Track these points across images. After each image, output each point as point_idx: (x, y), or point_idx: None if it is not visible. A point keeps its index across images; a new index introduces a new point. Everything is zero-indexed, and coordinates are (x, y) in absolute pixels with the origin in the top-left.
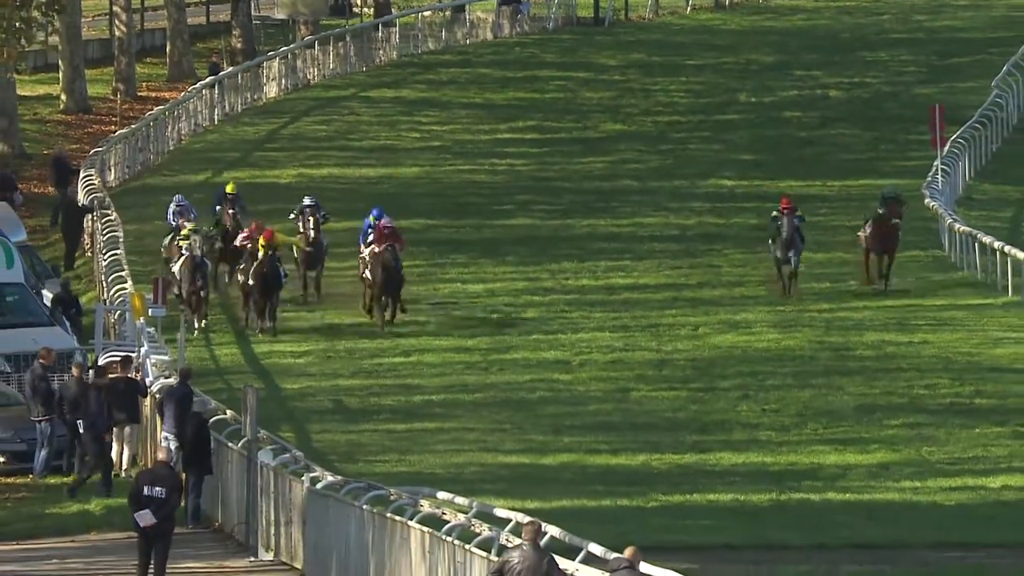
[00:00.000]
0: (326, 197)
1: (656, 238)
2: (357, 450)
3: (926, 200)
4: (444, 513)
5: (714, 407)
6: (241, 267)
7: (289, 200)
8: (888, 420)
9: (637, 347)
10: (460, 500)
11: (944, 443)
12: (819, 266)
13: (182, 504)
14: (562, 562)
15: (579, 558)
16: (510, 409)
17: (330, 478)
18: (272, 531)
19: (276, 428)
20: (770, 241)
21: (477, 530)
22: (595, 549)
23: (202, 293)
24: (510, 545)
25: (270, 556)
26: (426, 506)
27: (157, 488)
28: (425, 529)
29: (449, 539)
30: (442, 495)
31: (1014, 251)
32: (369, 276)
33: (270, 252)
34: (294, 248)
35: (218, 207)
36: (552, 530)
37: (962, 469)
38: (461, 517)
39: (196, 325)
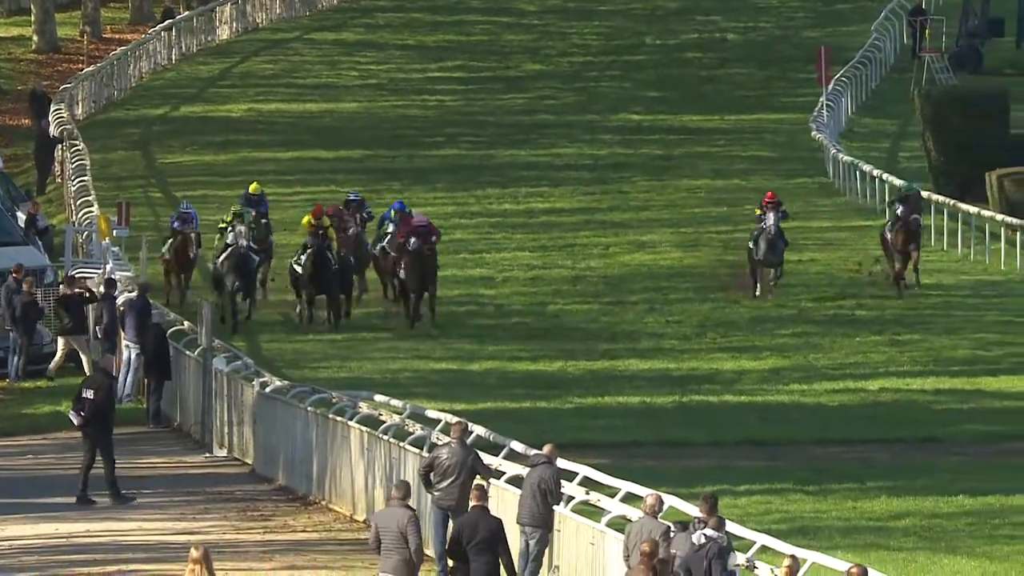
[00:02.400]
0: (274, 130)
1: (571, 167)
2: (302, 358)
3: (813, 133)
4: (381, 414)
5: (623, 319)
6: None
7: (240, 132)
8: (779, 330)
9: (554, 265)
10: (395, 402)
11: (828, 351)
12: (717, 192)
13: (144, 406)
14: (486, 458)
15: (502, 454)
16: (441, 320)
17: (278, 383)
18: (225, 430)
19: (229, 338)
20: (751, 241)
21: (410, 429)
22: (516, 446)
23: (241, 292)
24: (440, 442)
25: (224, 452)
26: (365, 408)
27: (90, 392)
28: (364, 428)
29: (385, 437)
30: (379, 398)
31: (891, 178)
32: (404, 274)
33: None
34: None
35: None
36: (478, 429)
37: (844, 374)
38: (396, 418)
39: (237, 319)
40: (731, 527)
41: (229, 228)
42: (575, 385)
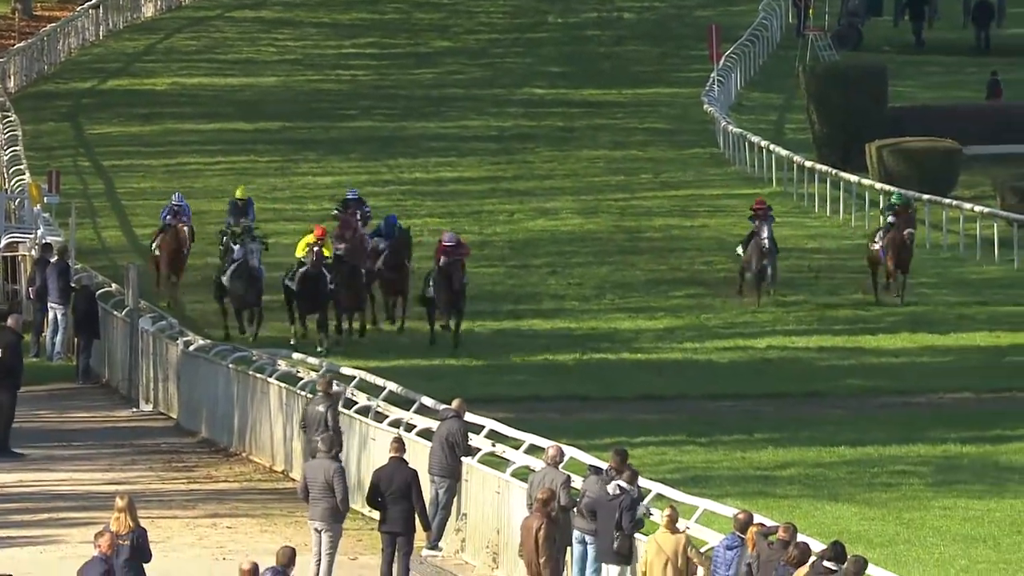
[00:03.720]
0: (197, 103)
1: (478, 138)
2: (224, 318)
3: (704, 106)
4: (298, 371)
5: (527, 281)
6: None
7: (164, 104)
8: (673, 292)
9: (462, 230)
10: (312, 360)
11: (719, 311)
12: (615, 162)
13: (73, 363)
14: (397, 411)
15: (413, 408)
16: None
17: (201, 341)
18: (151, 386)
19: (154, 299)
20: (740, 247)
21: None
22: (427, 401)
23: (255, 308)
24: (356, 399)
25: (149, 407)
26: (283, 365)
27: None
28: (282, 384)
29: (303, 393)
30: (296, 356)
31: (777, 149)
32: (433, 292)
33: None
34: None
35: (231, 218)
36: (391, 385)
37: (734, 332)
38: (313, 374)
39: (249, 332)
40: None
41: (237, 243)
42: (482, 343)
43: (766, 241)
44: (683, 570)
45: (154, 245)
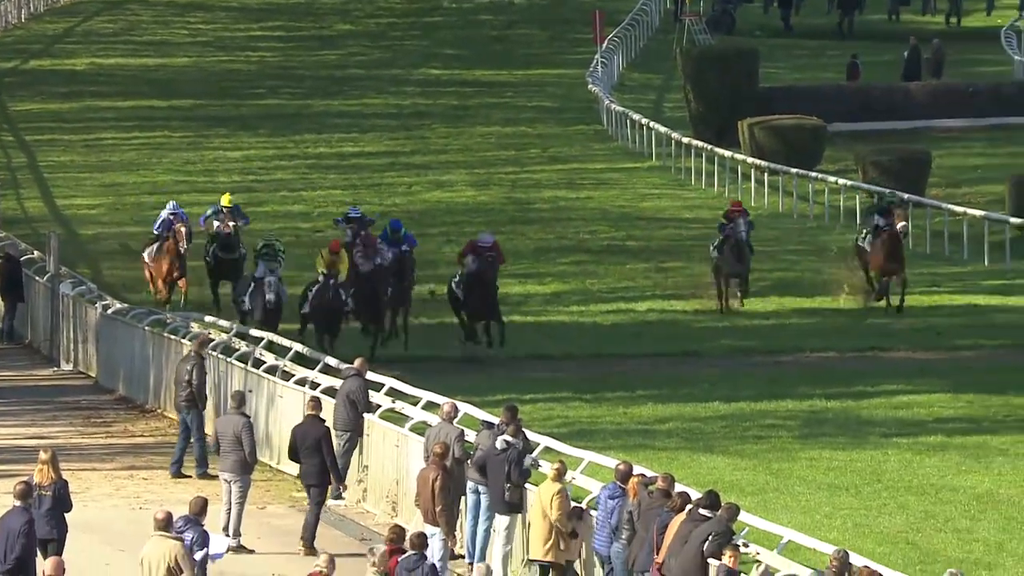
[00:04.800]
0: (114, 82)
1: (378, 115)
2: (140, 283)
3: (589, 86)
4: (210, 333)
5: (424, 249)
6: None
7: (83, 83)
8: (560, 259)
9: (363, 201)
10: (223, 323)
11: (603, 276)
12: (506, 138)
13: None
14: (303, 371)
15: (318, 368)
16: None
17: (118, 305)
18: (71, 347)
19: (74, 265)
20: (713, 248)
21: (236, 346)
22: (331, 361)
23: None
24: (265, 359)
25: (70, 367)
26: (196, 327)
27: None
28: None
29: (214, 354)
30: (209, 319)
31: (657, 126)
32: (463, 296)
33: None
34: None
35: (211, 219)
36: (297, 346)
37: (616, 297)
38: (224, 336)
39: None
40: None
41: (262, 260)
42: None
43: (742, 235)
44: (555, 520)
45: (145, 254)
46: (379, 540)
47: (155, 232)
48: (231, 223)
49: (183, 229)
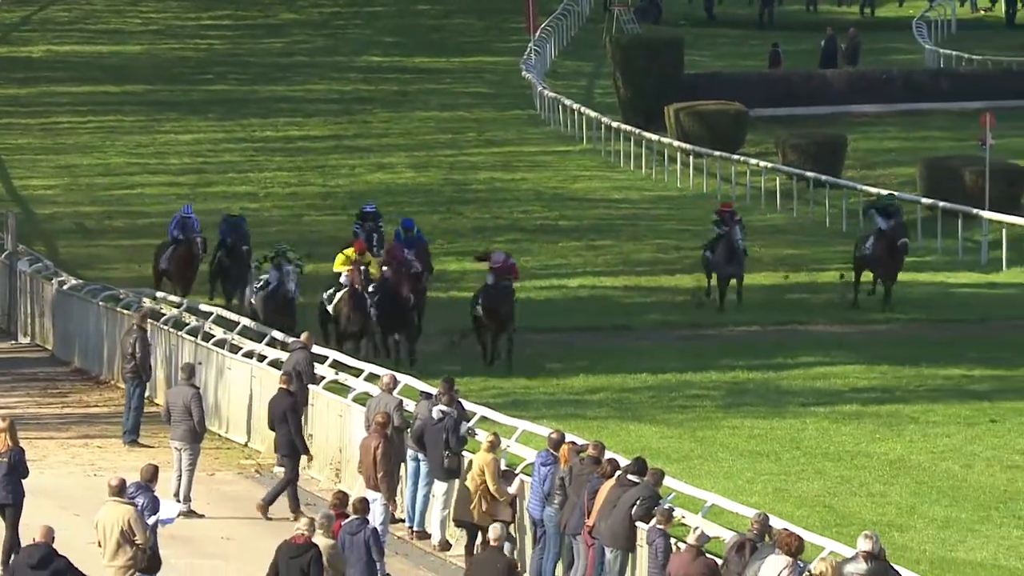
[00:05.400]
0: (69, 68)
1: (322, 100)
2: (95, 260)
3: (523, 73)
4: (161, 308)
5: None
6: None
7: (40, 70)
8: (495, 237)
9: (308, 183)
10: (173, 298)
11: (537, 254)
12: (444, 122)
13: None
14: (251, 344)
15: (264, 341)
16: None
17: (73, 281)
18: (29, 321)
19: (31, 244)
20: (705, 248)
21: (186, 320)
22: (277, 335)
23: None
24: (214, 332)
25: (27, 340)
26: (147, 303)
27: None
28: (149, 320)
29: (165, 327)
30: (160, 294)
31: (587, 111)
32: (481, 312)
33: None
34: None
35: (227, 235)
36: (245, 321)
37: (550, 273)
38: (174, 310)
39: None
40: (463, 402)
41: (272, 266)
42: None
43: (739, 242)
44: (494, 490)
45: (163, 259)
46: (323, 505)
47: (170, 237)
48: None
49: (199, 240)
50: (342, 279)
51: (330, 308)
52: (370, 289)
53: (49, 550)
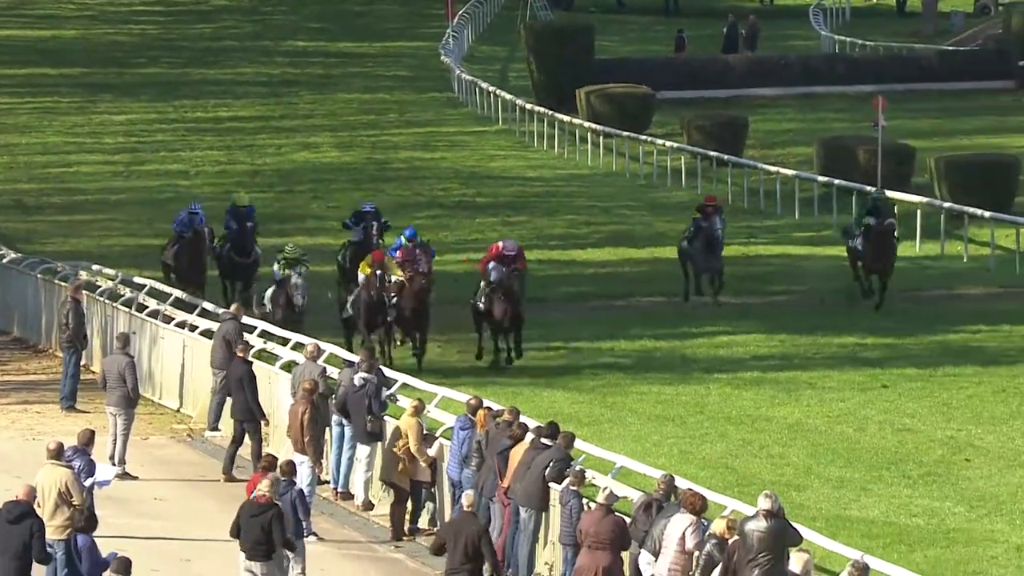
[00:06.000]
0: (7, 52)
1: (250, 83)
2: (33, 235)
3: (442, 57)
4: (97, 280)
5: (292, 204)
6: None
7: None
8: (416, 213)
9: (237, 161)
10: (108, 271)
11: (455, 229)
12: (367, 104)
13: None
14: (183, 315)
15: (196, 311)
16: (146, 206)
17: (13, 255)
18: None
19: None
20: (684, 240)
21: (121, 292)
22: (208, 306)
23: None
24: (147, 303)
25: None
26: (84, 275)
27: None
28: (83, 292)
29: (101, 299)
30: (96, 267)
31: (503, 93)
32: (483, 305)
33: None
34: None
35: (232, 224)
36: (177, 292)
37: (468, 247)
38: (110, 283)
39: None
40: (383, 368)
41: (284, 269)
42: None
43: (719, 232)
44: (415, 451)
45: (170, 256)
46: (252, 468)
47: (174, 230)
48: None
49: (206, 231)
50: (360, 279)
51: (349, 309)
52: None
53: (29, 508)
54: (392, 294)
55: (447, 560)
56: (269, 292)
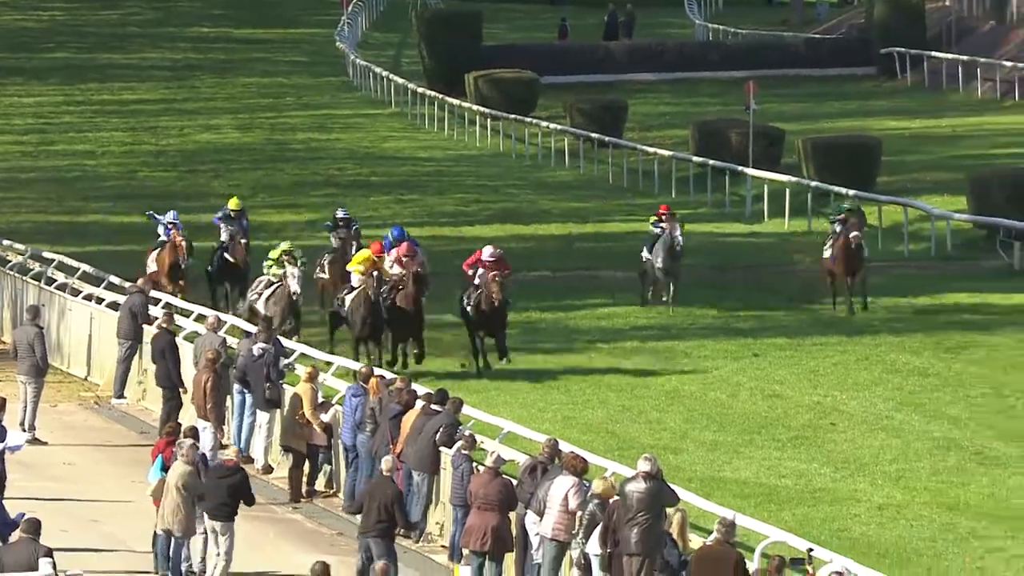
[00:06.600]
0: None
1: (155, 67)
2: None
3: (337, 43)
4: (8, 255)
5: (196, 183)
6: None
7: None
8: (313, 192)
9: (142, 142)
10: (18, 246)
11: (350, 207)
12: (266, 87)
13: None
14: (90, 288)
15: (103, 285)
16: (54, 183)
17: None
18: None
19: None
20: (644, 248)
21: (31, 266)
22: (114, 279)
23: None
24: (56, 277)
25: None
26: None
27: None
28: None
29: (11, 273)
30: (6, 242)
31: (395, 78)
32: (472, 311)
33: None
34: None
35: (220, 225)
36: (85, 267)
37: (362, 224)
38: (20, 257)
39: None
40: (280, 339)
41: (277, 264)
42: (154, 233)
43: (680, 239)
44: (310, 416)
45: (149, 260)
46: (155, 434)
47: (160, 234)
48: (242, 240)
49: (183, 243)
50: (354, 281)
51: (343, 311)
52: (383, 293)
53: None
54: (385, 295)
55: (362, 520)
56: (265, 295)
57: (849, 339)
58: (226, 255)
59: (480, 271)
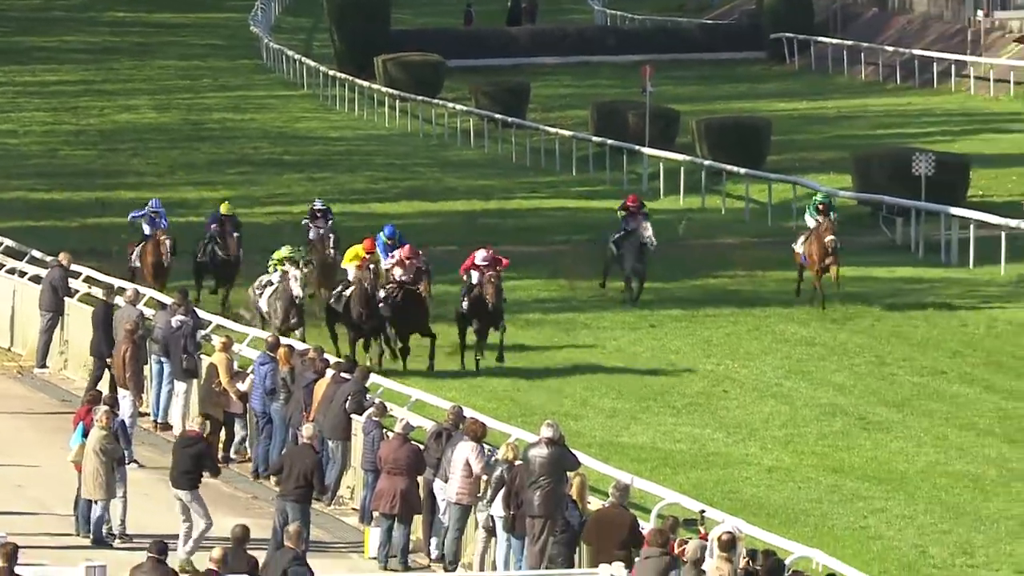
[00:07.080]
0: None
1: (75, 50)
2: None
3: (251, 27)
4: None
5: (115, 161)
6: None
7: None
8: (228, 170)
9: (62, 122)
10: None
11: (264, 184)
12: (183, 70)
13: None
14: (13, 262)
15: (25, 259)
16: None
17: None
18: None
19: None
20: (612, 243)
21: None
22: (36, 253)
23: (298, 331)
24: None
25: None
26: None
27: None
28: None
29: None
30: None
31: (307, 61)
32: (466, 310)
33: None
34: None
35: (212, 226)
36: (7, 241)
37: (276, 200)
38: None
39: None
40: (197, 311)
41: (279, 266)
42: (79, 209)
43: (652, 241)
44: (226, 384)
45: (133, 256)
46: (78, 401)
47: (142, 227)
48: (235, 234)
49: (167, 241)
50: (350, 276)
51: (338, 306)
52: (381, 293)
53: None
54: (385, 292)
55: (281, 484)
56: (267, 293)
57: (740, 310)
58: (217, 249)
59: (474, 273)
